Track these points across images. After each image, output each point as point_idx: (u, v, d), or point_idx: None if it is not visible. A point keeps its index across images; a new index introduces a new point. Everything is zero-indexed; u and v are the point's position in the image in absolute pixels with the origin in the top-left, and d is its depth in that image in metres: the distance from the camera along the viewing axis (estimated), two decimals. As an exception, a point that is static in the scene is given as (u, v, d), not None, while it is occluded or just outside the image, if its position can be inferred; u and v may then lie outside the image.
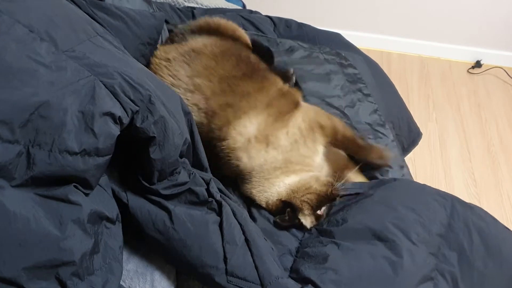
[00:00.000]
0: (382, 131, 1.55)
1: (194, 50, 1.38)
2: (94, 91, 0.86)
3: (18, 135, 0.79)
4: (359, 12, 3.14)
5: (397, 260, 1.03)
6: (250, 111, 1.24)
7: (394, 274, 1.01)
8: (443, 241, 1.10)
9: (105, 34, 1.05)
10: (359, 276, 1.01)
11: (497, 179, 2.50)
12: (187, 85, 1.29)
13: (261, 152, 1.21)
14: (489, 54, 3.20)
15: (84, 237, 0.84)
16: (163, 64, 1.35)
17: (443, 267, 1.07)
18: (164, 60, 1.37)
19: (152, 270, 1.05)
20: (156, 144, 0.95)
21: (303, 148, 1.26)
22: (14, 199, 0.77)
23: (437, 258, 1.07)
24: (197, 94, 1.28)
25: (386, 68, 2.02)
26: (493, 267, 1.08)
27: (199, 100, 1.27)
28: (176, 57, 1.36)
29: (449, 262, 1.07)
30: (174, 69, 1.33)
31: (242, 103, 1.26)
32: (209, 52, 1.38)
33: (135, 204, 0.99)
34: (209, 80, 1.30)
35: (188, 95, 1.28)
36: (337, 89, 1.62)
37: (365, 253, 1.05)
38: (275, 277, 0.99)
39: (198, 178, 1.07)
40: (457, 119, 2.84)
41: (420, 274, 1.03)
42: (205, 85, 1.28)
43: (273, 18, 2.07)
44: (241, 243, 1.02)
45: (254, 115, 1.24)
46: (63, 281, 0.80)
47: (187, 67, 1.33)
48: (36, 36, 0.87)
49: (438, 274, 1.06)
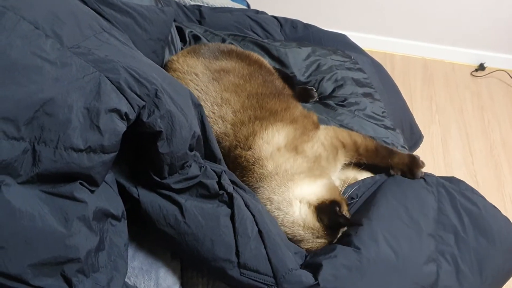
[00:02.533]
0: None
1: (224, 70, 1.45)
2: (100, 87, 0.86)
3: (23, 132, 0.79)
4: (363, 14, 3.14)
5: (397, 246, 1.07)
6: (276, 123, 1.29)
7: (396, 258, 1.05)
8: (438, 224, 1.16)
9: (111, 29, 1.05)
10: (367, 259, 1.03)
11: (499, 182, 2.50)
12: (215, 99, 1.35)
13: (290, 160, 1.22)
14: (493, 57, 3.19)
15: (89, 234, 0.84)
16: (188, 78, 1.41)
17: (443, 248, 1.11)
18: (189, 74, 1.42)
19: (157, 268, 1.05)
20: (163, 138, 0.95)
21: (325, 162, 1.29)
22: (19, 196, 0.77)
23: (436, 240, 1.12)
24: (225, 107, 1.32)
25: (389, 70, 2.01)
26: (487, 244, 1.15)
27: (226, 112, 1.32)
28: (204, 72, 1.42)
29: (447, 243, 1.13)
30: (203, 84, 1.38)
31: (270, 117, 1.30)
32: (238, 72, 1.45)
33: (146, 199, 0.99)
34: (238, 95, 1.35)
35: (215, 108, 1.33)
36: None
37: (368, 239, 1.08)
38: (289, 269, 0.99)
39: (209, 171, 1.07)
40: (460, 121, 2.84)
41: (424, 255, 1.08)
42: (234, 100, 1.34)
43: (279, 19, 2.07)
44: (254, 235, 1.01)
45: (281, 127, 1.28)
46: (69, 278, 0.80)
47: (216, 83, 1.39)
48: (41, 32, 0.87)
49: (440, 255, 1.10)
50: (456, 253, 1.12)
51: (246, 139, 1.26)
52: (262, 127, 1.27)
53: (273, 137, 1.26)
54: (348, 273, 1.00)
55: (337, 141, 1.34)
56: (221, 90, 1.36)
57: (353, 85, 1.67)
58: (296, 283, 0.98)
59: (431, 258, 1.08)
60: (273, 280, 0.98)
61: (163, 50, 1.44)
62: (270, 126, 1.27)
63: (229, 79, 1.40)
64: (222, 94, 1.35)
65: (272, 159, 1.22)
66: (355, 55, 1.83)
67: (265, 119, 1.29)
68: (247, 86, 1.40)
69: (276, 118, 1.31)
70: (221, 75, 1.42)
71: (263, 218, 1.06)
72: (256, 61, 1.61)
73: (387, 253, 1.05)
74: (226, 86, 1.37)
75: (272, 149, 1.23)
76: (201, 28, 1.85)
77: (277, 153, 1.23)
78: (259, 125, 1.27)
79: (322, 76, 1.69)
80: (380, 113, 1.61)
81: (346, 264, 1.01)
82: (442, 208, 1.20)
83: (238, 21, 1.95)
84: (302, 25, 2.06)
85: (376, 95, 1.66)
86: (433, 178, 1.31)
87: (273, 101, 1.37)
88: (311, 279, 0.99)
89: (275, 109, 1.34)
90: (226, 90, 1.36)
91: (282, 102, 1.38)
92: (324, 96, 1.67)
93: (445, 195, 1.24)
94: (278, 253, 1.01)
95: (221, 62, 1.50)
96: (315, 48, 1.80)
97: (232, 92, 1.36)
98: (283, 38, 1.98)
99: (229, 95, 1.35)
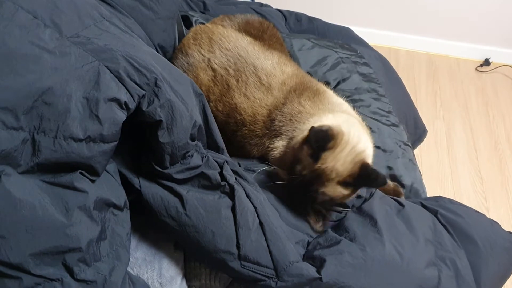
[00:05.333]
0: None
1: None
2: (99, 76, 0.86)
3: (22, 122, 0.79)
4: (368, 8, 3.12)
5: (400, 248, 1.06)
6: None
7: (401, 260, 1.04)
8: (436, 232, 1.15)
9: (111, 18, 1.05)
10: (372, 259, 1.02)
11: (503, 177, 2.48)
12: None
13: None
14: (498, 52, 3.17)
15: (91, 224, 0.84)
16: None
17: (442, 254, 1.11)
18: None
19: (160, 258, 1.05)
20: (164, 127, 0.94)
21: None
22: (20, 186, 0.78)
23: (435, 246, 1.12)
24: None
25: (394, 65, 2.00)
26: (477, 251, 1.16)
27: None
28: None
29: (445, 249, 1.12)
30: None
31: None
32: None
33: (148, 190, 0.99)
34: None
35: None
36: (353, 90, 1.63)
37: (373, 239, 1.07)
38: (290, 261, 0.98)
39: (211, 161, 1.06)
40: (464, 117, 2.82)
41: (425, 259, 1.07)
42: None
43: (283, 12, 2.07)
44: (255, 228, 1.01)
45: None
46: (70, 267, 0.80)
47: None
48: (40, 22, 0.87)
49: (440, 260, 1.09)
50: (455, 259, 1.11)
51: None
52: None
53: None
54: (352, 271, 1.00)
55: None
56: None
57: (358, 79, 1.65)
58: (297, 275, 0.97)
59: (431, 263, 1.08)
60: (273, 272, 0.98)
61: (173, 28, 1.44)
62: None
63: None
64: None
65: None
66: (361, 48, 1.82)
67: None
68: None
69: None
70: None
71: (265, 210, 1.05)
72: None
73: (393, 255, 1.05)
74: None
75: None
76: (205, 16, 1.84)
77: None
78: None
79: (327, 68, 1.68)
80: (385, 109, 1.59)
81: (350, 261, 1.01)
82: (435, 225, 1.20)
83: (242, 13, 1.93)
84: (307, 18, 2.06)
85: (381, 91, 1.65)
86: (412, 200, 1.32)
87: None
88: (313, 272, 0.98)
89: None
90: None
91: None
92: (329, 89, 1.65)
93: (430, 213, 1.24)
94: (279, 245, 1.00)
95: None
96: (321, 40, 1.79)
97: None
98: (287, 31, 1.97)
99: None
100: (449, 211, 1.23)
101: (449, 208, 1.24)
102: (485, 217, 1.26)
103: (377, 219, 1.11)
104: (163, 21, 1.37)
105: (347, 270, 1.00)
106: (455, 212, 1.22)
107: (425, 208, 1.25)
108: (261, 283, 0.98)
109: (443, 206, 1.25)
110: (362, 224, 1.12)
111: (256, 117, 1.29)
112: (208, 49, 1.40)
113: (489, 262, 1.14)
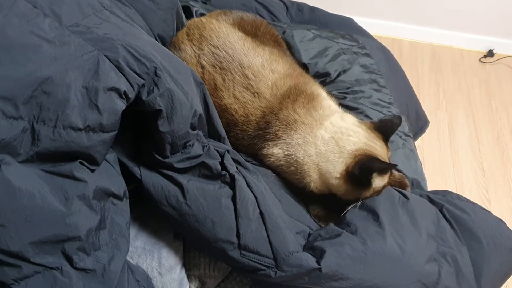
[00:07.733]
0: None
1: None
2: (98, 66, 0.86)
3: (22, 111, 0.80)
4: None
5: (402, 243, 1.06)
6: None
7: (402, 255, 1.04)
8: (439, 227, 1.15)
9: (112, 7, 1.04)
10: (373, 252, 1.02)
11: (506, 169, 2.47)
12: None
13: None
14: (502, 44, 3.14)
15: (90, 213, 0.84)
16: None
17: (444, 250, 1.10)
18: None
19: (159, 248, 1.06)
20: (164, 117, 0.95)
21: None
22: (19, 175, 0.78)
23: (437, 242, 1.11)
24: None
25: (397, 56, 1.98)
26: (480, 249, 1.14)
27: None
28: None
29: (447, 245, 1.12)
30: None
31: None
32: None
33: (149, 179, 1.00)
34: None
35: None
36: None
37: (375, 233, 1.07)
38: (289, 251, 0.99)
39: (212, 150, 1.07)
40: (467, 108, 2.81)
41: (426, 254, 1.07)
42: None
43: (285, 1, 2.05)
44: (255, 217, 1.01)
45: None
46: (69, 256, 0.81)
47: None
48: (40, 11, 0.87)
49: (441, 256, 1.09)
50: (457, 255, 1.10)
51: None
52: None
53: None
54: (352, 263, 1.00)
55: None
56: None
57: (359, 70, 1.64)
58: (296, 266, 0.98)
59: (432, 258, 1.07)
60: (273, 262, 0.99)
61: (173, 18, 1.43)
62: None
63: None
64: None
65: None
66: (363, 39, 1.80)
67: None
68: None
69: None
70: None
71: (265, 200, 1.05)
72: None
73: (394, 249, 1.04)
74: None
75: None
76: (206, 7, 1.83)
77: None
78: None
79: (328, 59, 1.66)
80: (386, 100, 1.58)
81: (351, 254, 1.01)
82: (438, 220, 1.19)
83: (243, 3, 1.92)
84: (309, 8, 2.04)
85: (382, 82, 1.63)
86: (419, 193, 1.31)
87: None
88: (313, 263, 0.98)
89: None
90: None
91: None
92: (330, 81, 1.64)
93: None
94: (279, 235, 1.01)
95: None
96: (322, 31, 1.77)
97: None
98: (289, 21, 1.95)
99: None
100: (456, 206, 1.22)
101: (455, 204, 1.23)
102: (491, 215, 1.24)
103: (379, 213, 1.11)
104: (163, 12, 1.37)
105: (346, 262, 1.00)
106: (461, 208, 1.21)
107: (431, 201, 1.25)
108: (261, 272, 0.99)
109: (450, 201, 1.24)
110: (364, 218, 1.12)
111: (249, 117, 1.28)
112: (198, 45, 1.39)
113: (491, 260, 1.13)
